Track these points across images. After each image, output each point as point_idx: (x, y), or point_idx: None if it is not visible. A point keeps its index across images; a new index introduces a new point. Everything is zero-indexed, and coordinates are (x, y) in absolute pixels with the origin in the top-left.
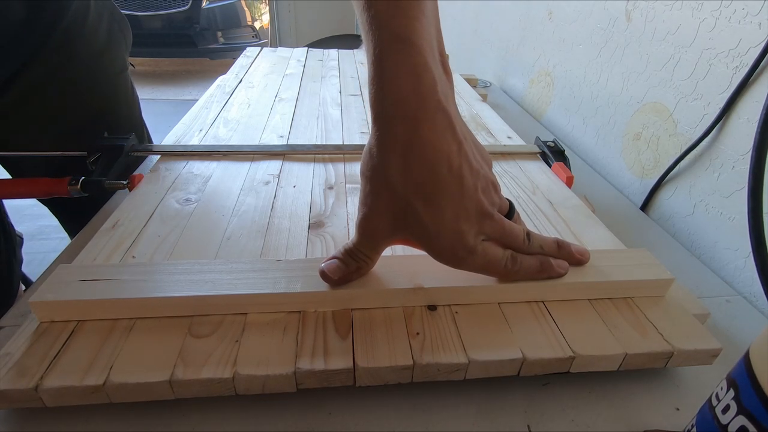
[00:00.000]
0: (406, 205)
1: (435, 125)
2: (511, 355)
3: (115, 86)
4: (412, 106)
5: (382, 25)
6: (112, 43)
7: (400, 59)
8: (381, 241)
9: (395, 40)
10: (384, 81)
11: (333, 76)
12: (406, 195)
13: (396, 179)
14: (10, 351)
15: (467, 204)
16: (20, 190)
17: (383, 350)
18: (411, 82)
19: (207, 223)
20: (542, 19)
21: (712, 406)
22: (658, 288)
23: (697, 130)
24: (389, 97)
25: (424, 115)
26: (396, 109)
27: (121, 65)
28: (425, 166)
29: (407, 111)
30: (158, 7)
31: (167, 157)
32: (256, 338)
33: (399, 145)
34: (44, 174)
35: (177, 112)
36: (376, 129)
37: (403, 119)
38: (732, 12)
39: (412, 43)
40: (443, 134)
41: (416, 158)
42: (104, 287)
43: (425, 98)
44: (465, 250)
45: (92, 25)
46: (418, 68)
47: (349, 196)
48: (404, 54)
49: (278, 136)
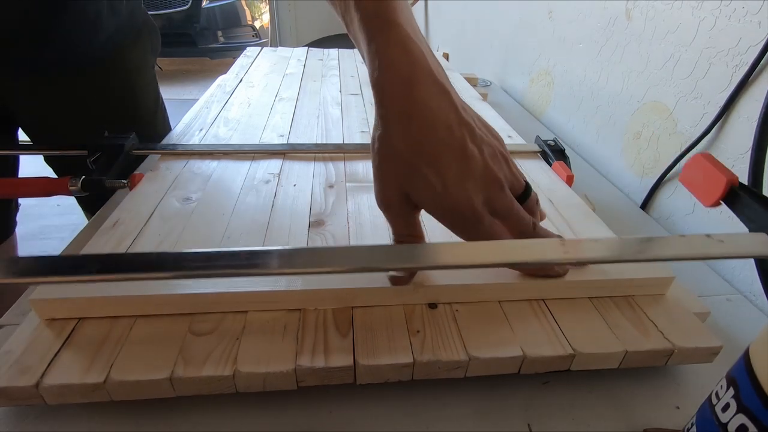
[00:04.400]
0: (411, 168)
1: (428, 88)
2: (512, 353)
3: (135, 80)
4: (404, 71)
5: (369, 16)
6: (142, 39)
7: (390, 36)
8: (401, 210)
9: (382, 24)
10: (377, 55)
11: (333, 75)
12: (410, 158)
13: (399, 144)
14: (10, 349)
15: (472, 165)
16: (21, 190)
17: (384, 348)
18: (400, 52)
19: (207, 221)
20: (542, 18)
21: (712, 405)
22: (658, 286)
23: (697, 128)
24: (383, 66)
25: (416, 78)
26: (390, 75)
27: (143, 61)
28: (424, 126)
29: (401, 74)
30: (158, 6)
31: (167, 156)
32: (256, 336)
33: (397, 110)
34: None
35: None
36: (377, 101)
37: (398, 84)
38: (732, 11)
39: (396, 23)
40: (438, 97)
41: (415, 120)
42: (105, 285)
43: (415, 64)
44: (472, 212)
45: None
46: (404, 40)
47: (349, 194)
48: (393, 31)
49: (278, 136)
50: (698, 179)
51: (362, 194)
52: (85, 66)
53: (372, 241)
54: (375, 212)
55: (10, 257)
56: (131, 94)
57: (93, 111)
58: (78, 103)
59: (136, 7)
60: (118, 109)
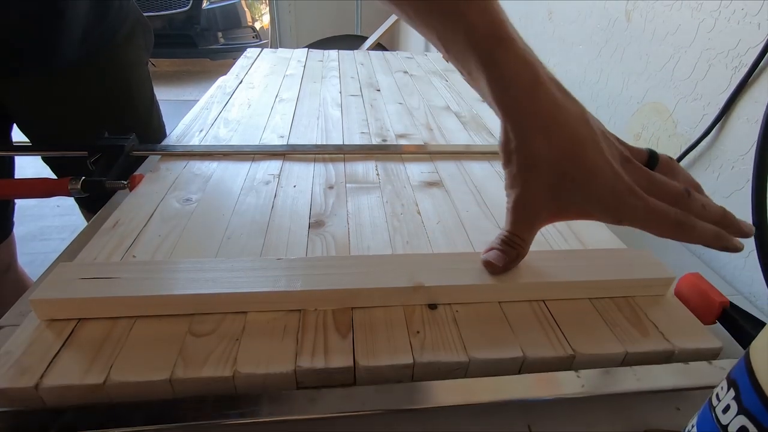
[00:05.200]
0: (555, 171)
1: (555, 94)
2: (512, 354)
3: (130, 77)
4: (530, 83)
5: (483, 36)
6: (135, 36)
7: (509, 51)
8: (536, 218)
9: (499, 41)
10: (501, 71)
11: (333, 76)
12: (554, 160)
13: (543, 152)
14: (10, 349)
15: (611, 150)
16: (21, 190)
17: (383, 349)
18: (522, 65)
19: (207, 222)
20: (542, 19)
21: (713, 406)
22: (658, 287)
23: (696, 130)
24: (508, 81)
25: (544, 88)
26: (519, 89)
27: (136, 58)
28: (561, 127)
29: (528, 86)
30: (159, 7)
31: (168, 157)
32: (256, 337)
33: (534, 121)
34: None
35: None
36: (506, 114)
37: (528, 95)
38: (731, 12)
39: (512, 38)
40: (563, 98)
41: (554, 127)
42: (105, 285)
43: (538, 75)
44: (626, 188)
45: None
46: (523, 53)
47: (349, 195)
48: (512, 46)
49: (278, 137)
50: (694, 298)
51: (362, 195)
52: (81, 64)
53: (372, 241)
54: (375, 213)
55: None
56: (127, 90)
57: (90, 108)
58: (75, 101)
59: (126, 4)
60: (114, 105)
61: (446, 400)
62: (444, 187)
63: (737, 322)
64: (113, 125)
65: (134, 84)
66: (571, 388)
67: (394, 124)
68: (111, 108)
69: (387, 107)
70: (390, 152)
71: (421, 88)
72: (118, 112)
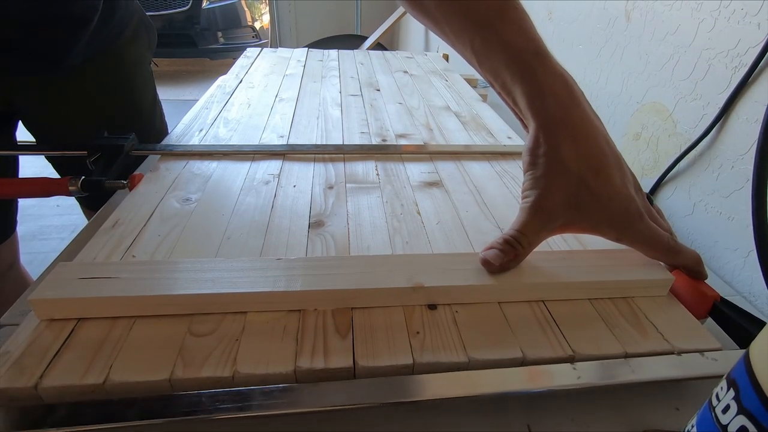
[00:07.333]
0: (578, 181)
1: (587, 109)
2: (512, 354)
3: (134, 76)
4: (566, 97)
5: (519, 52)
6: (139, 35)
7: (547, 67)
8: (549, 223)
9: (537, 57)
10: (537, 82)
11: (333, 76)
12: (579, 170)
13: (568, 157)
14: (9, 349)
15: (628, 174)
16: (21, 190)
17: (383, 349)
18: (559, 80)
19: (207, 222)
20: (542, 19)
21: (712, 406)
22: (658, 288)
23: (696, 130)
24: (546, 94)
25: (577, 102)
26: (556, 102)
27: (140, 57)
28: (590, 140)
29: (564, 100)
30: (159, 7)
31: (167, 156)
32: (256, 337)
33: (566, 132)
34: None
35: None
36: (539, 123)
37: (563, 108)
38: (731, 12)
39: (548, 55)
40: (594, 116)
41: (582, 139)
42: (104, 285)
43: (573, 91)
44: (637, 211)
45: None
46: (559, 70)
47: (349, 195)
48: (549, 63)
49: (278, 136)
50: (685, 293)
51: (362, 195)
52: (87, 63)
53: (371, 241)
54: (374, 213)
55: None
56: (131, 89)
57: (95, 107)
58: (80, 100)
59: (131, 4)
60: (118, 104)
61: (443, 392)
62: (444, 187)
63: (728, 316)
64: (117, 124)
65: (138, 84)
66: (567, 380)
67: (393, 124)
68: (115, 107)
69: (387, 107)
70: (390, 152)
71: (421, 87)
72: (122, 111)
